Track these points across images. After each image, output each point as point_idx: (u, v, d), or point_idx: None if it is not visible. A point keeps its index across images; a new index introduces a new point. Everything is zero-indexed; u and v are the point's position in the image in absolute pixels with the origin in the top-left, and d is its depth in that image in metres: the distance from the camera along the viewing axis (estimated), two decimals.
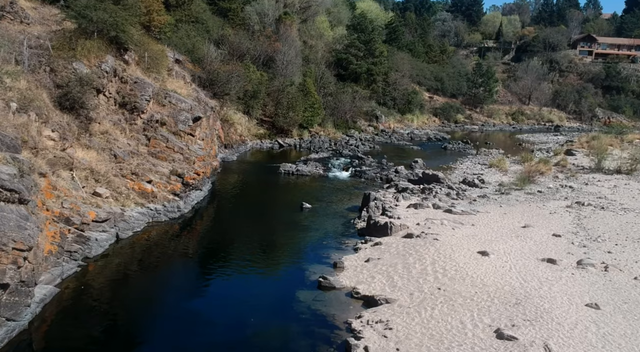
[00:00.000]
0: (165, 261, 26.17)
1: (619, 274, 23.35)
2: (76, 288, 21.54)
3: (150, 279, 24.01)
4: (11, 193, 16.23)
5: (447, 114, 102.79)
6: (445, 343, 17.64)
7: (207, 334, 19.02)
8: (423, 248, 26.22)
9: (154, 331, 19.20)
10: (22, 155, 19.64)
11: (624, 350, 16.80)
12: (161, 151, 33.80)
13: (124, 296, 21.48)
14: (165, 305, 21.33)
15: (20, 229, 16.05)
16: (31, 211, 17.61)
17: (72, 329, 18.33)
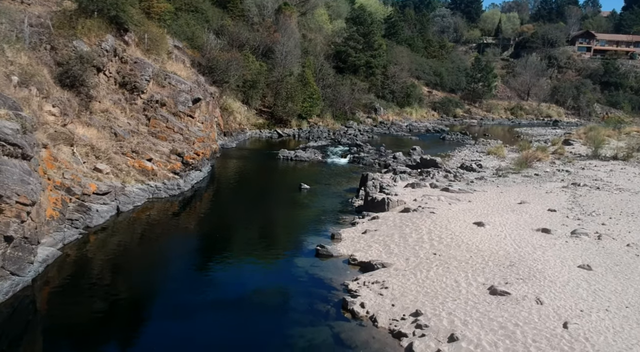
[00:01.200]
0: (166, 232, 26.51)
1: (612, 241, 23.69)
2: (78, 253, 21.91)
3: (150, 249, 24.38)
4: (14, 148, 16.56)
5: (446, 108, 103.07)
6: (440, 298, 17.99)
7: (207, 293, 19.40)
8: (420, 220, 26.57)
9: (152, 295, 19.49)
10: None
11: (613, 303, 17.15)
12: (161, 131, 34.12)
13: (124, 264, 21.78)
14: (166, 273, 21.70)
15: (23, 183, 16.39)
16: (34, 168, 17.94)
17: (73, 291, 18.62)
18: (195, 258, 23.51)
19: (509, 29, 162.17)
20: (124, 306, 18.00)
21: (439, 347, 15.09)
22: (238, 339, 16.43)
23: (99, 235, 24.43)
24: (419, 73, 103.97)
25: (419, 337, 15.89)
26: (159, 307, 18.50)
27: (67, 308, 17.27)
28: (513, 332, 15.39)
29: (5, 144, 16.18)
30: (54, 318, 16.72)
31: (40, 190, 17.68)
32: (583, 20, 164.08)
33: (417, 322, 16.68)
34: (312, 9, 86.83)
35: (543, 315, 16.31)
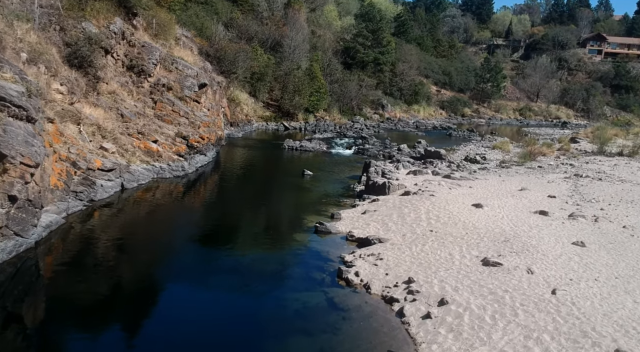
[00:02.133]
0: (170, 209, 26.99)
1: (608, 224, 23.88)
2: (82, 224, 22.36)
3: (154, 223, 24.85)
4: (19, 109, 17.02)
5: (454, 107, 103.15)
6: (433, 268, 18.29)
7: (207, 263, 19.87)
8: (419, 202, 26.85)
9: (155, 266, 19.79)
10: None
11: (603, 274, 17.39)
12: (167, 114, 34.61)
13: (126, 237, 22.16)
14: (169, 244, 22.08)
15: (27, 144, 16.84)
16: (38, 132, 18.40)
17: (76, 259, 18.99)
18: (198, 233, 23.92)
19: (520, 30, 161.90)
20: (126, 277, 18.13)
21: (428, 310, 15.38)
22: (236, 303, 16.80)
23: (103, 209, 24.86)
24: (427, 72, 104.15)
25: (410, 302, 16.20)
26: (161, 276, 18.85)
27: (69, 275, 17.56)
28: (502, 297, 15.66)
29: (11, 105, 16.64)
30: (56, 284, 16.92)
31: (45, 155, 18.12)
32: (595, 23, 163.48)
33: (409, 288, 16.99)
34: (322, 5, 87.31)
35: (533, 283, 16.58)
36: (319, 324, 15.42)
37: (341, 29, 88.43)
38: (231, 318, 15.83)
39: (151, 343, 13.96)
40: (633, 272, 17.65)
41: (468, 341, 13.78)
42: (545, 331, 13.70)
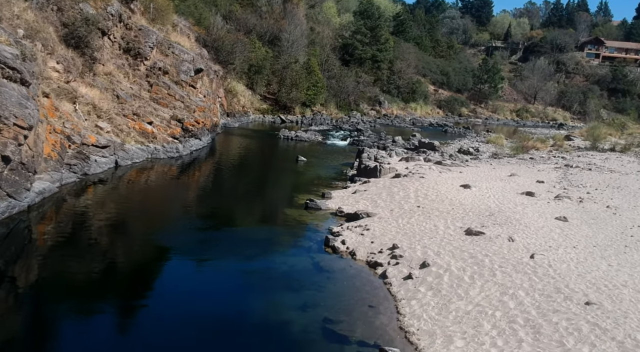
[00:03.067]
0: (165, 187, 27.42)
1: (593, 204, 24.30)
2: (75, 195, 22.74)
3: (148, 200, 25.23)
4: (13, 71, 17.38)
5: (452, 107, 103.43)
6: (417, 237, 18.69)
7: (200, 231, 20.27)
8: (408, 183, 27.25)
9: (147, 239, 20.04)
10: None
11: (582, 243, 17.82)
12: (162, 97, 34.97)
13: (120, 209, 22.49)
14: (162, 220, 22.44)
15: (21, 106, 17.21)
16: (32, 95, 18.77)
17: (67, 227, 19.33)
18: (193, 208, 24.36)
19: (519, 33, 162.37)
20: (119, 247, 18.17)
21: (410, 272, 15.77)
22: (227, 266, 17.18)
23: (97, 183, 25.23)
24: (425, 71, 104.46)
25: (393, 266, 16.60)
26: (155, 245, 19.07)
27: (59, 242, 17.73)
28: (481, 261, 16.06)
29: (5, 67, 17.01)
30: (47, 249, 17.07)
31: (38, 119, 18.49)
32: (593, 27, 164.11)
33: (393, 254, 17.39)
34: (321, 2, 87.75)
35: (512, 249, 16.98)
36: (304, 283, 15.82)
37: (340, 26, 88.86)
38: (222, 278, 16.23)
39: (144, 304, 14.32)
40: (611, 242, 18.07)
41: (446, 297, 14.17)
42: (521, 288, 14.10)
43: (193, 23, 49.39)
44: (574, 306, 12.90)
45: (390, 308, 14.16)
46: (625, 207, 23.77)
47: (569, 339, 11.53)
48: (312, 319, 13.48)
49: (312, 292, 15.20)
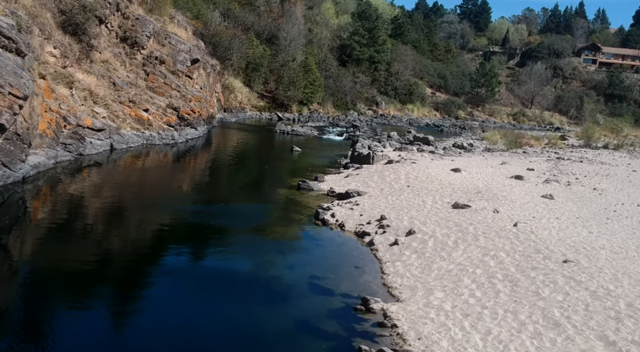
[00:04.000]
0: (161, 170, 27.79)
1: (580, 187, 24.68)
2: (70, 172, 23.05)
3: (143, 180, 25.55)
4: (9, 41, 17.74)
5: (449, 109, 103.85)
6: (405, 210, 19.03)
7: (194, 205, 20.58)
8: (400, 167, 27.61)
9: (141, 218, 20.31)
10: None
11: (565, 215, 18.20)
12: (159, 86, 35.36)
13: (114, 189, 22.79)
14: (156, 200, 22.65)
15: (16, 76, 17.57)
16: (27, 67, 19.12)
17: (60, 200, 19.69)
18: (189, 189, 24.71)
19: (516, 39, 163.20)
20: (112, 226, 18.06)
21: (396, 239, 16.11)
22: (218, 235, 17.50)
23: (92, 163, 25.53)
24: (423, 74, 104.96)
25: (380, 234, 16.93)
26: (151, 222, 19.34)
27: (52, 214, 17.91)
28: (466, 229, 16.40)
29: (0, 36, 17.35)
30: (39, 221, 17.24)
31: (33, 92, 18.83)
32: (590, 34, 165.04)
33: (381, 224, 17.74)
34: (320, 3, 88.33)
35: (497, 219, 17.33)
36: (293, 248, 16.29)
37: (338, 27, 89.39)
38: (215, 244, 16.57)
39: (137, 278, 14.63)
40: (593, 216, 18.44)
41: (430, 258, 14.51)
42: (502, 250, 14.44)
43: (191, 17, 49.83)
44: (552, 264, 13.23)
45: (375, 269, 14.49)
46: (611, 190, 24.17)
47: (545, 290, 11.87)
48: (299, 276, 13.85)
49: (300, 256, 15.58)
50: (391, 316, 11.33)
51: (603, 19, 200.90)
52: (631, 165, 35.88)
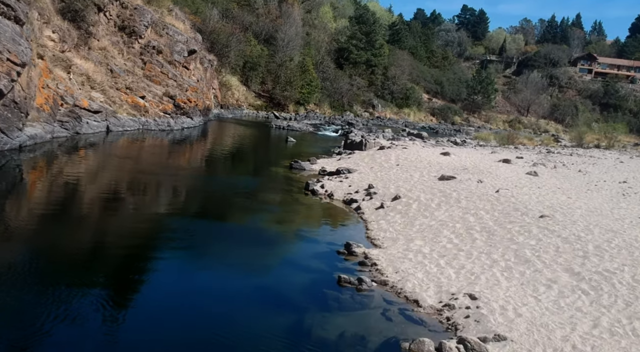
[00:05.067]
0: (156, 151, 28.17)
1: (566, 169, 25.25)
2: (66, 147, 23.49)
3: (139, 159, 25.92)
4: (7, 8, 18.26)
5: (445, 114, 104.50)
6: (392, 182, 19.53)
7: (190, 179, 21.01)
8: (391, 151, 28.16)
9: (136, 192, 20.88)
10: None
11: (546, 186, 18.74)
12: (156, 75, 35.89)
13: (109, 165, 23.20)
14: (146, 176, 23.13)
15: (14, 43, 18.08)
16: (26, 36, 19.63)
17: (57, 173, 20.05)
18: (185, 168, 25.11)
19: (513, 48, 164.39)
20: (107, 200, 18.28)
21: (382, 203, 16.60)
22: (213, 198, 18.00)
23: (88, 142, 25.95)
24: (419, 80, 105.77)
25: (367, 200, 17.42)
26: (146, 198, 19.89)
27: (47, 184, 18.20)
28: (449, 194, 16.90)
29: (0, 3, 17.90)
30: (38, 191, 17.31)
31: (31, 60, 19.32)
32: (586, 45, 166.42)
33: (368, 192, 18.23)
34: (318, 7, 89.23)
35: (480, 187, 17.84)
36: (282, 210, 16.77)
37: (335, 30, 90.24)
38: (210, 206, 17.04)
39: (128, 250, 15.07)
40: (574, 188, 18.98)
41: (413, 217, 14.99)
42: (483, 209, 14.94)
43: (189, 12, 50.46)
44: (528, 219, 13.73)
45: (360, 227, 14.98)
46: (596, 172, 24.73)
47: (519, 237, 12.35)
48: (287, 229, 14.44)
49: (289, 215, 16.11)
50: (372, 257, 11.79)
51: (600, 31, 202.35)
52: (620, 159, 36.45)
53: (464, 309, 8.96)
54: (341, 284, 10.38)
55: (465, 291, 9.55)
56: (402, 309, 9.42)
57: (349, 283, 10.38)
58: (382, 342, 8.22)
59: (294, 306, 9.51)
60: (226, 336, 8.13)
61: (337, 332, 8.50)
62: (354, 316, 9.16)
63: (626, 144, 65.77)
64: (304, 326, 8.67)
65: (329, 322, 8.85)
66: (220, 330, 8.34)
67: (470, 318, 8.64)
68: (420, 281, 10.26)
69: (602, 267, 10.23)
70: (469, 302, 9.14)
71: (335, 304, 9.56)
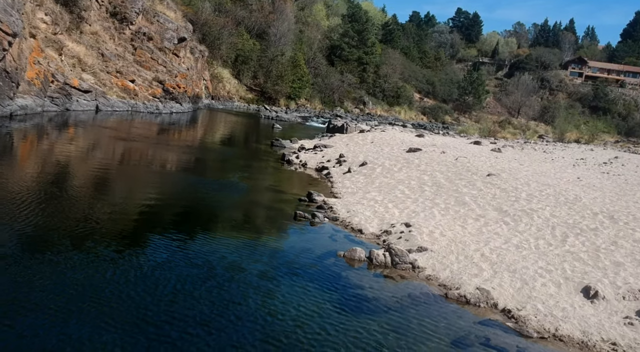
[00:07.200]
0: (144, 128, 29.22)
1: (532, 151, 26.54)
2: (55, 120, 24.58)
3: (127, 134, 26.97)
4: None
5: (436, 114, 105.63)
6: (363, 153, 20.75)
7: (175, 155, 22.13)
8: (370, 134, 29.33)
9: (129, 174, 21.98)
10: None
11: (504, 160, 20.08)
12: (146, 61, 37.00)
13: (97, 139, 24.34)
14: (140, 153, 24.27)
15: (6, 13, 19.20)
16: (17, 9, 20.73)
17: (46, 142, 21.18)
18: (167, 144, 26.19)
19: (506, 51, 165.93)
20: (96, 176, 19.96)
21: (350, 168, 17.79)
22: (194, 162, 19.16)
23: (78, 118, 27.01)
24: (411, 79, 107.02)
25: (337, 167, 18.64)
26: (133, 182, 21.00)
27: (38, 154, 19.41)
28: (412, 161, 18.11)
29: None
30: (23, 163, 18.08)
31: (22, 34, 20.41)
32: (578, 49, 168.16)
33: (339, 160, 19.47)
34: (311, 5, 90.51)
35: (442, 156, 19.06)
36: (256, 171, 18.01)
37: (328, 28, 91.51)
38: (189, 167, 18.18)
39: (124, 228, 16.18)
40: (531, 160, 20.32)
41: (374, 178, 16.19)
42: (438, 171, 16.14)
43: (181, 3, 51.56)
44: (477, 177, 14.95)
45: (326, 186, 16.19)
46: (561, 155, 25.97)
47: (464, 189, 13.57)
48: (258, 184, 15.82)
49: (262, 175, 17.39)
50: (329, 203, 12.98)
51: (592, 36, 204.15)
52: (593, 149, 37.73)
53: (398, 234, 10.16)
54: (297, 219, 11.60)
55: (403, 222, 10.74)
56: (347, 235, 10.66)
57: (303, 218, 11.59)
58: (323, 253, 9.47)
59: (257, 230, 11.08)
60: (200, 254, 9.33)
61: (288, 246, 9.84)
62: (305, 238, 10.42)
63: (608, 141, 67.20)
64: (263, 243, 10.01)
65: (283, 240, 10.24)
66: (194, 249, 9.54)
67: (401, 239, 9.84)
68: (367, 217, 11.46)
69: (528, 207, 11.45)
70: (404, 229, 10.34)
71: (290, 231, 10.87)
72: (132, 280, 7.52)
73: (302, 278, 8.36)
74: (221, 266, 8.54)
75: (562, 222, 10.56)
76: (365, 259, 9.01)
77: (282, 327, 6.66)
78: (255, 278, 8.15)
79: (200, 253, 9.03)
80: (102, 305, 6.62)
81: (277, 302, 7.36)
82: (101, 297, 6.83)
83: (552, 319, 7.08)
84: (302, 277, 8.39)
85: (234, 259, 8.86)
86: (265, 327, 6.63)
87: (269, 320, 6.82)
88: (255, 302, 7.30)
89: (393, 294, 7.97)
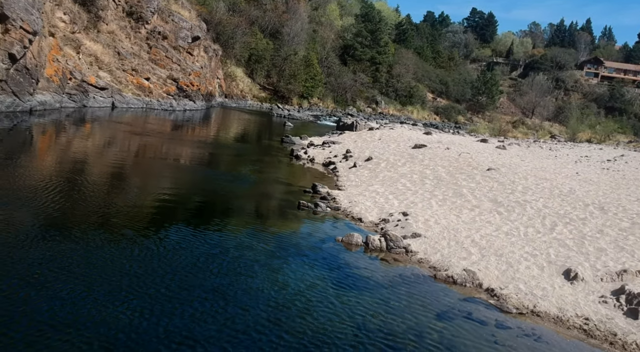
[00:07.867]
0: (159, 124, 29.98)
1: (539, 149, 26.87)
2: (73, 115, 25.40)
3: (143, 129, 27.75)
4: None
5: (449, 114, 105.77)
6: (370, 149, 21.30)
7: (191, 151, 22.83)
8: (378, 131, 29.88)
9: (139, 166, 22.77)
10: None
11: (508, 156, 20.42)
12: (160, 59, 37.81)
13: (116, 131, 25.13)
14: (159, 144, 25.02)
15: (27, 12, 20.00)
16: (37, 7, 21.54)
17: (64, 138, 21.96)
18: (182, 135, 26.94)
19: (521, 51, 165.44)
20: (115, 173, 20.62)
21: (355, 163, 18.36)
22: (208, 157, 19.85)
23: (95, 115, 27.82)
24: (424, 79, 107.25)
25: (343, 162, 19.22)
26: (147, 172, 21.74)
27: (57, 149, 20.09)
28: (416, 157, 18.64)
29: None
30: (46, 154, 18.83)
31: (42, 33, 21.21)
32: (594, 49, 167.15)
33: (346, 156, 20.05)
34: (325, 4, 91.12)
35: (446, 152, 19.57)
36: (266, 165, 18.67)
37: (342, 28, 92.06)
38: (204, 161, 18.87)
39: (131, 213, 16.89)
40: (534, 157, 20.67)
41: (378, 172, 16.75)
42: (441, 166, 16.67)
43: (195, 2, 52.39)
44: (477, 171, 15.45)
45: (331, 179, 16.78)
46: (566, 153, 26.29)
47: (463, 182, 14.09)
48: (267, 176, 16.37)
49: (271, 169, 18.05)
50: (332, 194, 13.57)
51: (609, 37, 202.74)
52: (602, 149, 37.91)
53: (395, 222, 10.73)
54: (300, 208, 12.22)
55: (401, 211, 11.30)
56: (347, 223, 11.25)
57: (306, 207, 12.20)
58: (323, 238, 10.10)
59: (264, 217, 11.97)
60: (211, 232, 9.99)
61: (291, 231, 10.51)
62: (307, 225, 11.02)
63: (621, 141, 66.98)
64: (267, 229, 10.72)
65: (286, 227, 10.85)
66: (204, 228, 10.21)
67: (398, 226, 10.40)
68: (368, 207, 12.03)
69: (522, 199, 11.95)
70: (401, 217, 10.90)
71: (293, 218, 11.46)
72: (154, 256, 8.51)
73: (302, 258, 9.03)
74: (231, 245, 9.36)
75: (553, 213, 11.06)
76: (362, 244, 9.60)
77: (285, 296, 7.56)
78: (262, 256, 9.00)
79: (213, 235, 9.96)
80: (130, 277, 7.56)
81: (279, 276, 8.16)
82: (128, 271, 7.77)
83: (532, 298, 7.62)
84: (303, 257, 9.06)
85: (243, 241, 9.70)
86: (270, 296, 7.53)
87: (274, 290, 7.73)
88: (261, 275, 8.21)
89: (386, 274, 8.56)
